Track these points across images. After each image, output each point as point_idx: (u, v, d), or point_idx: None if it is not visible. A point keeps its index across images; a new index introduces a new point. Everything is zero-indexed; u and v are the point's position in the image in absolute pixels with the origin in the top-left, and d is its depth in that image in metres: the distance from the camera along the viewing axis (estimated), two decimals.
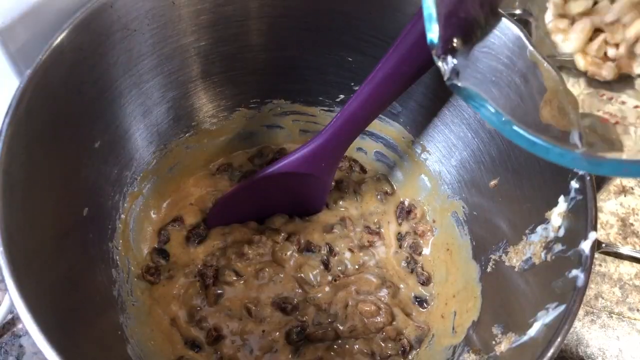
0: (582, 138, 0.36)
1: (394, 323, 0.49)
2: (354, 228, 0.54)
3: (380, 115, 0.52)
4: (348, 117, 0.45)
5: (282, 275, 0.50)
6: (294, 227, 0.53)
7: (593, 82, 0.33)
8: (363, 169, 0.58)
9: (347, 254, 0.52)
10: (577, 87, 0.34)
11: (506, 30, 0.39)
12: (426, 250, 0.53)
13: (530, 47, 0.38)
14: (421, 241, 0.54)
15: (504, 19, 0.39)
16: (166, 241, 0.51)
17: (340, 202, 0.55)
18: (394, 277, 0.52)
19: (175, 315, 0.48)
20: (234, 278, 0.49)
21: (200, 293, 0.49)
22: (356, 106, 0.44)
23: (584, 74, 0.34)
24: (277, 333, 0.48)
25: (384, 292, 0.50)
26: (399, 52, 0.40)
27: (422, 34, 0.39)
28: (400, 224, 0.55)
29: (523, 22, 0.59)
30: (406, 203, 0.55)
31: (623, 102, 0.33)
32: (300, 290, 0.50)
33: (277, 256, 0.51)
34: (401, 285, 0.51)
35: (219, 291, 0.49)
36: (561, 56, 0.36)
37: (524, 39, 0.39)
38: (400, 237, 0.54)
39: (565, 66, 0.35)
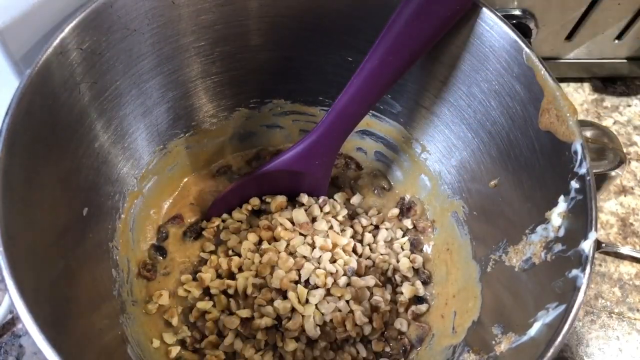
0: (584, 147, 0.36)
1: (395, 323, 0.49)
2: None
3: (380, 115, 0.53)
4: (339, 112, 0.45)
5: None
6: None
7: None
8: (359, 166, 0.58)
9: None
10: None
11: (504, 34, 0.39)
12: (427, 248, 0.53)
13: (527, 50, 0.39)
14: (422, 237, 0.54)
15: (502, 23, 0.39)
16: (165, 238, 0.52)
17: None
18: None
19: (172, 313, 0.48)
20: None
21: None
22: (346, 100, 0.44)
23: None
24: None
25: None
26: (385, 43, 0.41)
27: (406, 24, 0.40)
28: (400, 220, 0.55)
29: (523, 27, 0.59)
30: (406, 200, 0.55)
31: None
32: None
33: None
34: (403, 284, 0.51)
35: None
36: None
37: (519, 42, 0.39)
38: (401, 233, 0.54)
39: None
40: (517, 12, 0.58)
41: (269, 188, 0.53)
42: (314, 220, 0.52)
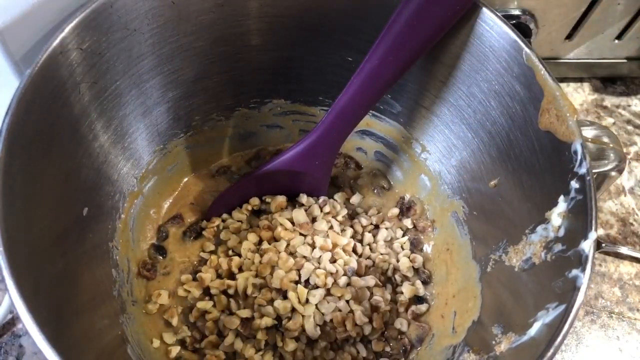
0: (584, 147, 0.36)
1: (395, 323, 0.49)
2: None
3: (380, 115, 0.53)
4: (339, 112, 0.45)
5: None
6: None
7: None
8: (358, 166, 0.58)
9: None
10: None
11: (504, 34, 0.39)
12: (427, 248, 0.53)
13: (527, 50, 0.39)
14: (422, 237, 0.54)
15: (502, 23, 0.39)
16: (165, 238, 0.52)
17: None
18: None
19: (172, 313, 0.48)
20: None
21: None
22: (346, 100, 0.44)
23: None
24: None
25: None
26: (385, 43, 0.41)
27: (406, 24, 0.40)
28: (400, 219, 0.55)
29: (523, 27, 0.59)
30: (406, 199, 0.55)
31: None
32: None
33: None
34: (403, 284, 0.51)
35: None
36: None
37: (519, 42, 0.39)
38: (401, 233, 0.54)
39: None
40: (517, 12, 0.58)
41: (269, 188, 0.53)
42: (314, 220, 0.52)
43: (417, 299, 0.51)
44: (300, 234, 0.51)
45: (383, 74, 0.42)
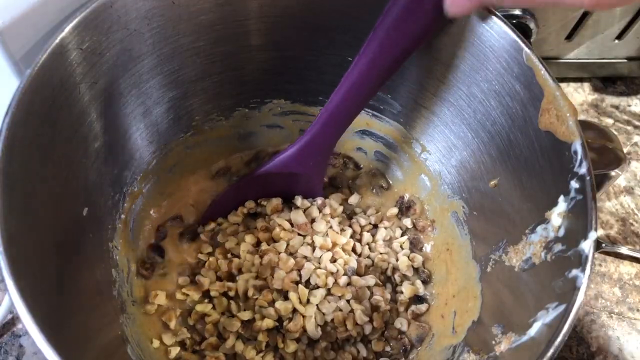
0: (584, 147, 0.36)
1: (396, 323, 0.49)
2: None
3: (380, 115, 0.53)
4: (331, 112, 0.45)
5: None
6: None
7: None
8: (357, 166, 0.58)
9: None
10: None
11: (504, 34, 0.39)
12: (427, 247, 0.53)
13: (527, 50, 0.39)
14: (422, 236, 0.54)
15: (502, 23, 0.39)
16: (163, 238, 0.52)
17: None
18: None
19: (169, 316, 0.48)
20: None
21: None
22: (338, 100, 0.44)
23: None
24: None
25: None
26: (375, 41, 0.40)
27: (397, 22, 0.39)
28: (399, 219, 0.55)
29: (523, 27, 0.59)
30: (406, 198, 0.55)
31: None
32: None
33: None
34: (403, 283, 0.51)
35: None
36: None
37: (519, 42, 0.39)
38: (400, 232, 0.54)
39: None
40: (517, 12, 0.58)
41: (265, 190, 0.53)
42: (312, 221, 0.52)
43: (417, 299, 0.51)
44: (299, 234, 0.51)
45: (374, 75, 0.42)
